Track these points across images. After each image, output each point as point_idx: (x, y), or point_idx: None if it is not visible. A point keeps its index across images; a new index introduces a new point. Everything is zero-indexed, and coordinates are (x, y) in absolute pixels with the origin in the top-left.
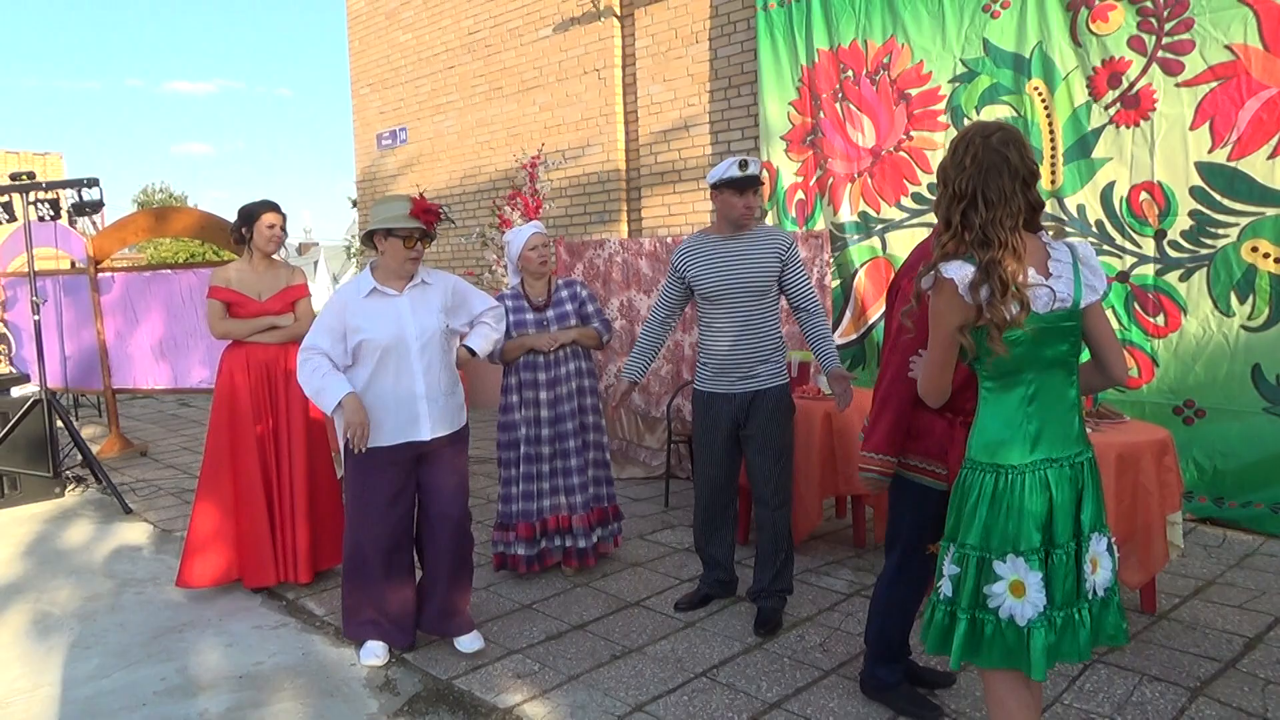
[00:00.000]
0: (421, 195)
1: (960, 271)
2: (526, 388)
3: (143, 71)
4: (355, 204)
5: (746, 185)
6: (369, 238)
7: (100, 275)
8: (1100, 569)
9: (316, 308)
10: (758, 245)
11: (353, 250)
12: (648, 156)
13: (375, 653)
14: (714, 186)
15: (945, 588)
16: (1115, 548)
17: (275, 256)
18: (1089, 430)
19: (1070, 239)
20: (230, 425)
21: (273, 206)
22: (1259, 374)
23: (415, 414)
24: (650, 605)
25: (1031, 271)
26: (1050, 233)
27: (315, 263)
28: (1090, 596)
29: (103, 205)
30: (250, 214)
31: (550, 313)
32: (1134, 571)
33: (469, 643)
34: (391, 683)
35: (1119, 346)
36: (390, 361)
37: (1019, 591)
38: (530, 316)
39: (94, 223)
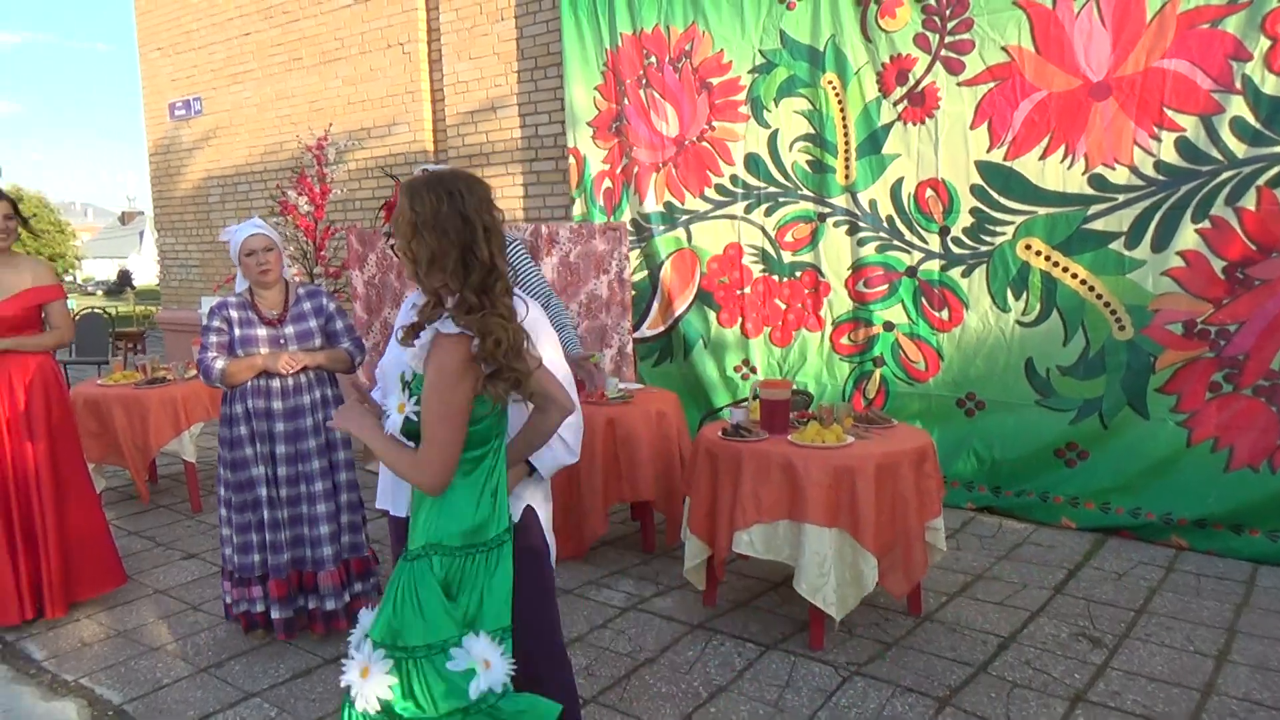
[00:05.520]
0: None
1: None
2: (258, 417)
3: None
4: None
5: None
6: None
7: None
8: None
9: (141, 281)
10: None
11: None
12: (455, 138)
13: None
14: None
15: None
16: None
17: (15, 250)
18: (857, 435)
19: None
20: None
21: None
22: (1031, 368)
23: None
24: None
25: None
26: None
27: (140, 233)
28: None
29: None
30: None
31: (289, 329)
32: (897, 581)
33: None
34: None
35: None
36: None
37: (487, 665)
38: (262, 332)
39: None
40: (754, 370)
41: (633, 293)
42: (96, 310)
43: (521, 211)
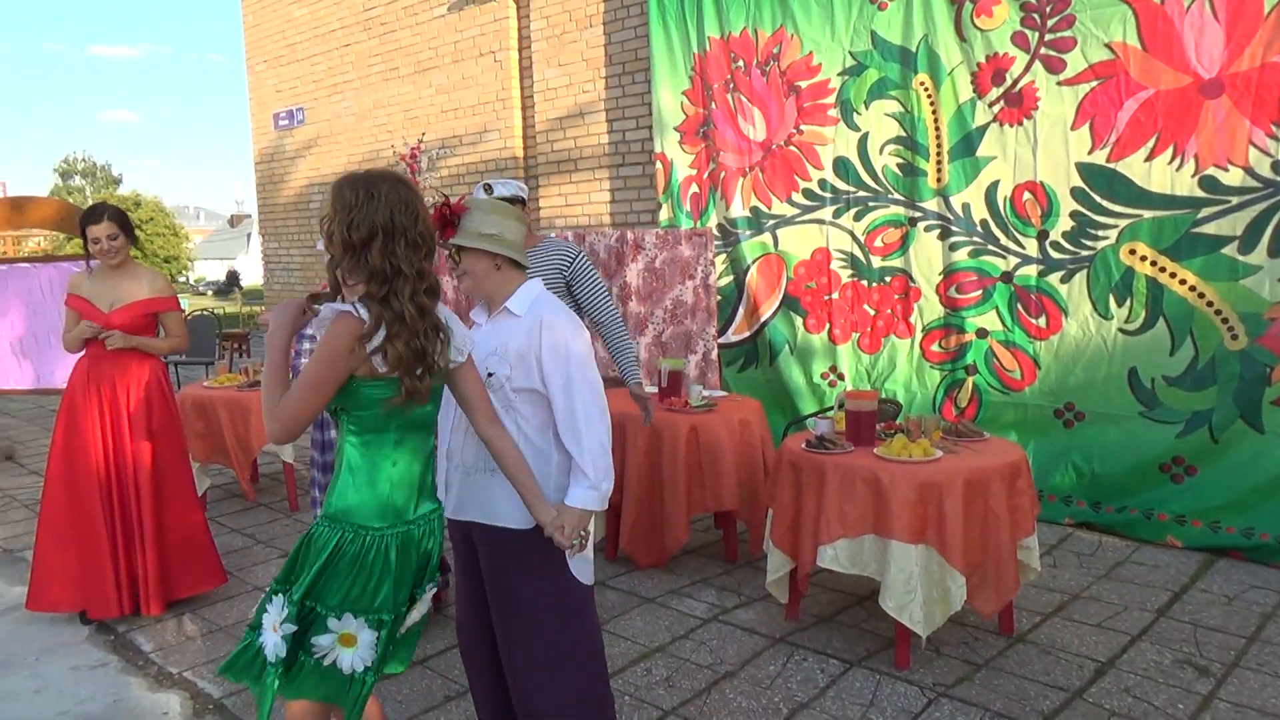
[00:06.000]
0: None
1: None
2: None
3: (63, 34)
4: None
5: None
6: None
7: None
8: (417, 610)
9: (248, 281)
10: (538, 262)
11: None
12: (544, 144)
13: None
14: None
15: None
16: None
17: (139, 261)
18: (946, 449)
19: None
20: (67, 442)
21: (99, 215)
22: (1135, 378)
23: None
24: None
25: None
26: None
27: (248, 235)
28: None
29: None
30: (80, 224)
31: None
32: (987, 600)
33: None
34: None
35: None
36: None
37: (350, 642)
38: None
39: None
40: (841, 377)
41: (718, 298)
42: (205, 312)
43: (608, 217)
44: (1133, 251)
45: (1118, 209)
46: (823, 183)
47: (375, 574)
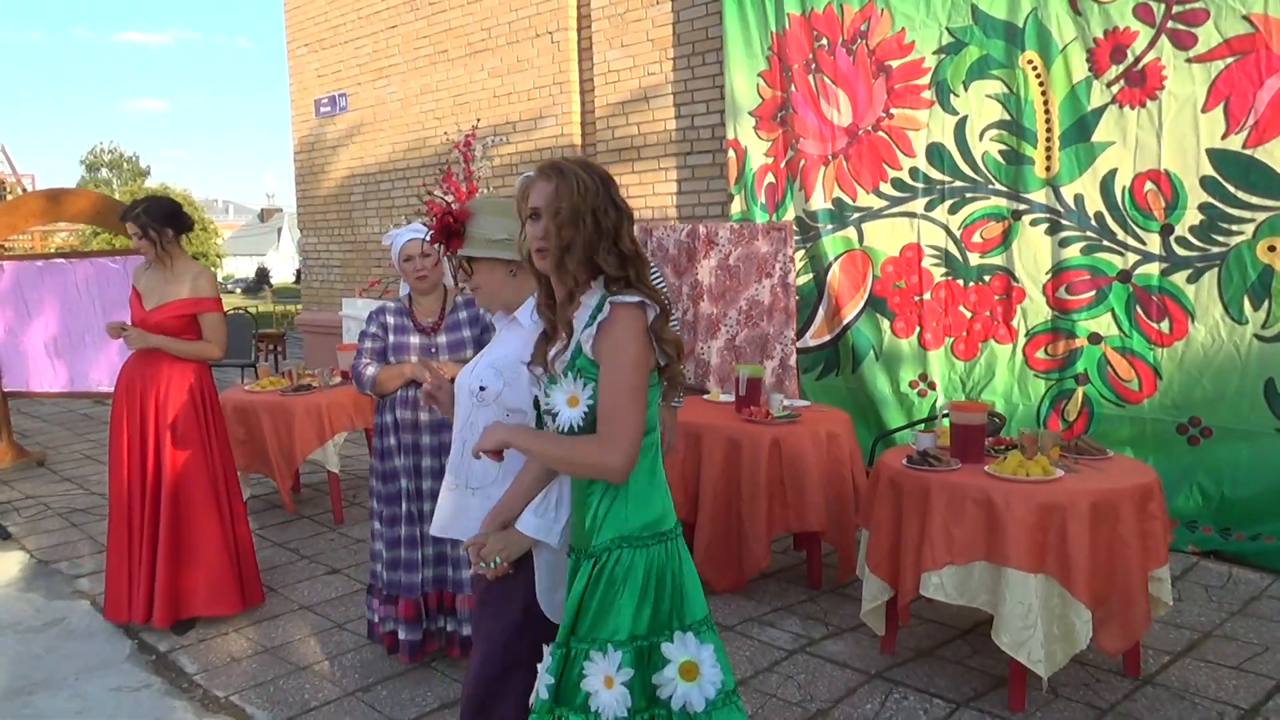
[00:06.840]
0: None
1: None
2: (405, 429)
3: (92, 20)
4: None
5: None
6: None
7: None
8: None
9: (279, 279)
10: None
11: None
12: (604, 131)
13: None
14: None
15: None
16: None
17: (188, 257)
18: (1065, 468)
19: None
20: (112, 442)
21: (124, 215)
22: (1272, 390)
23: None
24: None
25: None
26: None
27: (279, 230)
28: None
29: None
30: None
31: (441, 338)
32: (1113, 637)
33: None
34: None
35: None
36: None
37: (691, 674)
38: (415, 340)
39: None
40: (932, 386)
41: (796, 298)
42: (240, 310)
43: (673, 209)
44: (1272, 248)
45: (1255, 200)
46: (914, 171)
47: (686, 577)
